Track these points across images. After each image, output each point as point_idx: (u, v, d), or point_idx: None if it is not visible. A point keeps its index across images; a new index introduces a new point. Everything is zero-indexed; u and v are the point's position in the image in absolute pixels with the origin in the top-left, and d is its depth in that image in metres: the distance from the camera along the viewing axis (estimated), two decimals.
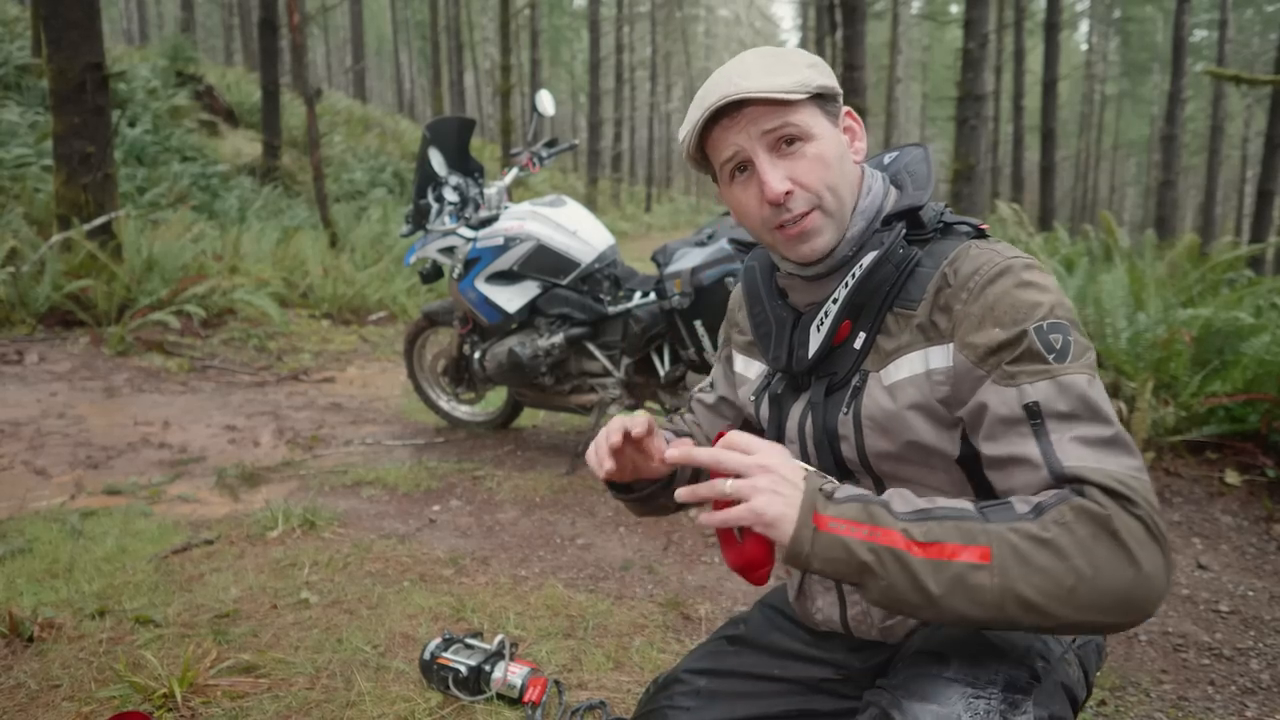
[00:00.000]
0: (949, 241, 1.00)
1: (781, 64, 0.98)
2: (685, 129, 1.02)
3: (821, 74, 0.99)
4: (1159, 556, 0.79)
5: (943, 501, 0.84)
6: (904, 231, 1.01)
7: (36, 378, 4.65)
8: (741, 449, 0.87)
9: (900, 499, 0.85)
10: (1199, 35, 27.88)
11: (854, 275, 1.00)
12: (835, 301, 1.02)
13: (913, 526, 0.81)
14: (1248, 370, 3.26)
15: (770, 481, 0.84)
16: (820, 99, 0.99)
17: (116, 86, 9.29)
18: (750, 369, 1.20)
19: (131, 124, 9.68)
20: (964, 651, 0.94)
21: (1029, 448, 0.85)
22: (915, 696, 0.89)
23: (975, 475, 0.99)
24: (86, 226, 5.82)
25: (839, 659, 1.17)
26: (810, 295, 1.07)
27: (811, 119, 0.98)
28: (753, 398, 1.17)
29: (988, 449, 0.90)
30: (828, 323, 1.03)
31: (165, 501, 3.06)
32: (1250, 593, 2.44)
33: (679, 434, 1.31)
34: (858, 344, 1.02)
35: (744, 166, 1.01)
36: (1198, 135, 27.72)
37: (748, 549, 0.92)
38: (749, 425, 1.24)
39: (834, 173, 0.99)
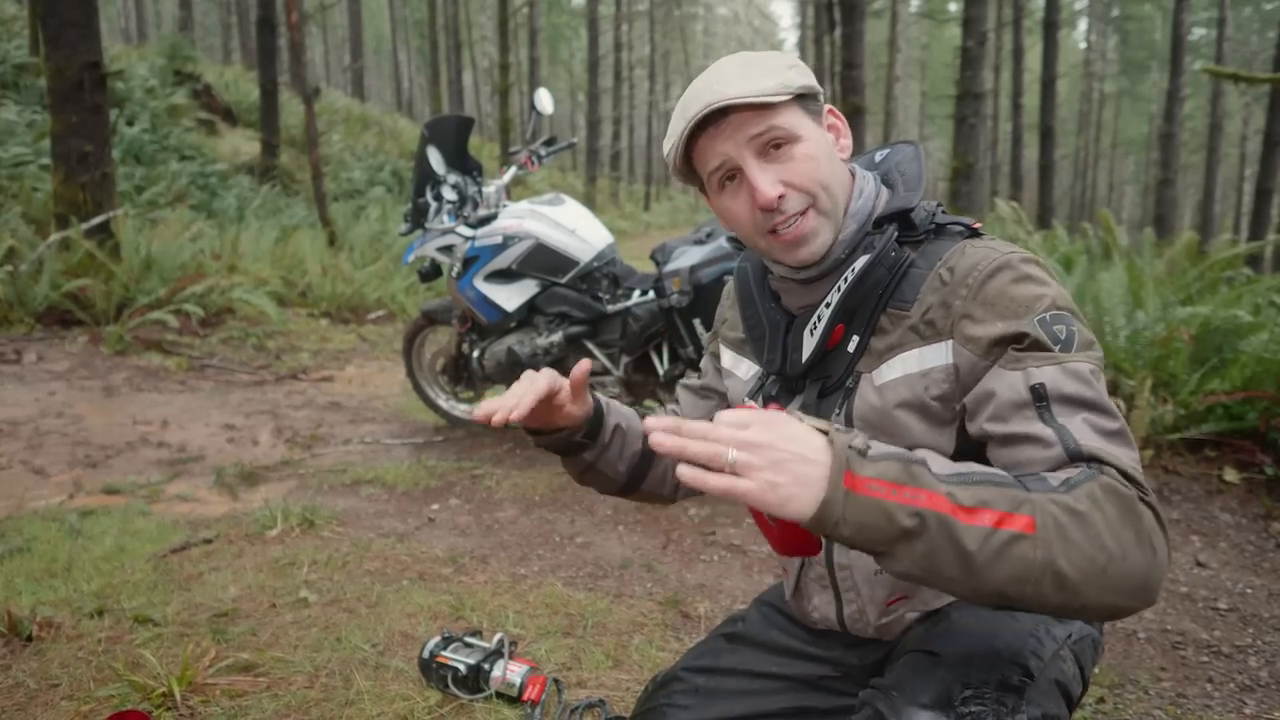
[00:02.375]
0: (943, 242, 1.00)
1: (760, 68, 0.97)
2: (669, 142, 1.01)
3: (801, 74, 0.99)
4: (1165, 546, 0.79)
5: (978, 466, 0.79)
6: (896, 234, 1.01)
7: (35, 377, 4.64)
8: (734, 424, 0.76)
9: (936, 459, 0.78)
10: (1197, 33, 27.87)
11: (846, 279, 1.00)
12: (828, 305, 1.02)
13: (957, 490, 0.74)
14: (1246, 368, 3.26)
15: (767, 459, 0.73)
16: (802, 99, 0.99)
17: (114, 85, 9.26)
18: (739, 366, 1.19)
19: (130, 123, 9.66)
20: (957, 650, 0.94)
21: (1039, 427, 0.85)
22: (907, 697, 0.89)
23: None
24: (85, 225, 5.81)
25: (836, 656, 1.18)
26: (803, 298, 1.07)
27: (796, 120, 0.98)
28: (746, 399, 1.17)
29: (995, 428, 0.88)
30: (820, 327, 1.03)
31: (164, 500, 3.05)
32: (1249, 590, 2.44)
33: None
34: (851, 347, 1.02)
35: (733, 175, 1.00)
36: (1196, 133, 27.71)
37: (779, 528, 0.84)
38: None
39: (825, 170, 0.99)
